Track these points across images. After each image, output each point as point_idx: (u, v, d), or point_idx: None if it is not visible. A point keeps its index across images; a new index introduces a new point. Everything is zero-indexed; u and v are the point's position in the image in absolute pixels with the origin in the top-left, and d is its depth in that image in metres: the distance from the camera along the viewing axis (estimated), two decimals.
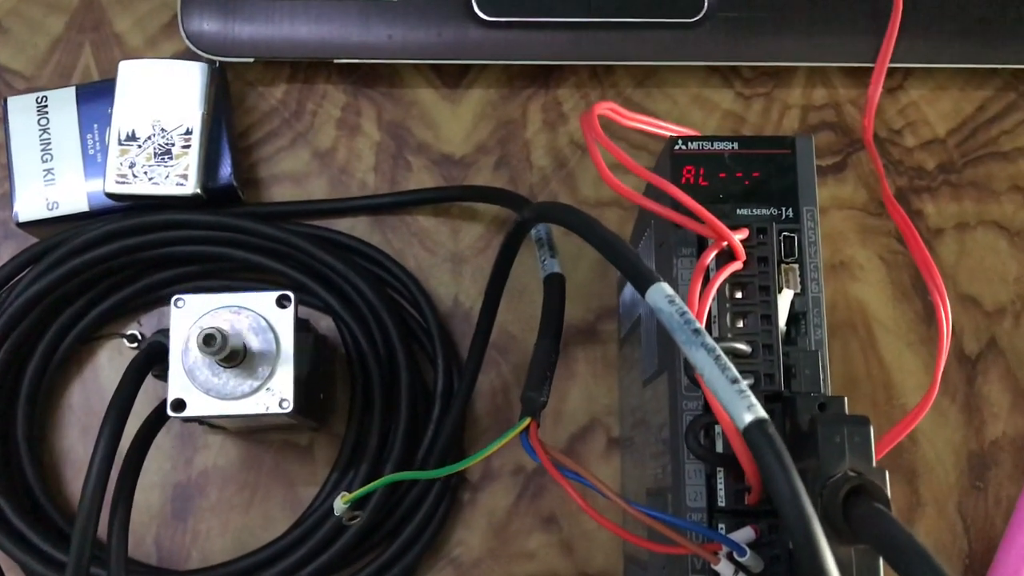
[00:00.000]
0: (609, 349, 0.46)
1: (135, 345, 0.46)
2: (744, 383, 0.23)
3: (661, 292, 0.24)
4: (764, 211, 0.31)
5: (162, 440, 0.40)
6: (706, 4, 0.46)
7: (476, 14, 0.46)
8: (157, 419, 0.38)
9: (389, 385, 0.43)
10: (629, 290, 0.42)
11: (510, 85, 0.48)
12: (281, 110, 0.48)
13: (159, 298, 0.46)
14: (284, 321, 0.37)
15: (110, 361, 0.46)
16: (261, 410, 0.36)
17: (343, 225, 0.47)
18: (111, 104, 0.45)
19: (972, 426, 0.45)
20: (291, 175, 0.48)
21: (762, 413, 0.22)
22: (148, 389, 0.38)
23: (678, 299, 0.24)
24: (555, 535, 0.44)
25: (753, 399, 0.22)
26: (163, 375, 0.39)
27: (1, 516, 0.41)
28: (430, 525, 0.43)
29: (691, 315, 0.24)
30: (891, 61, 0.46)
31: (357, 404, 0.44)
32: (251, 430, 0.44)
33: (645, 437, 0.38)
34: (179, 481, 0.45)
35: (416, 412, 0.43)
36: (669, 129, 0.36)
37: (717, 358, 0.23)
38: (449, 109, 0.48)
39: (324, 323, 0.45)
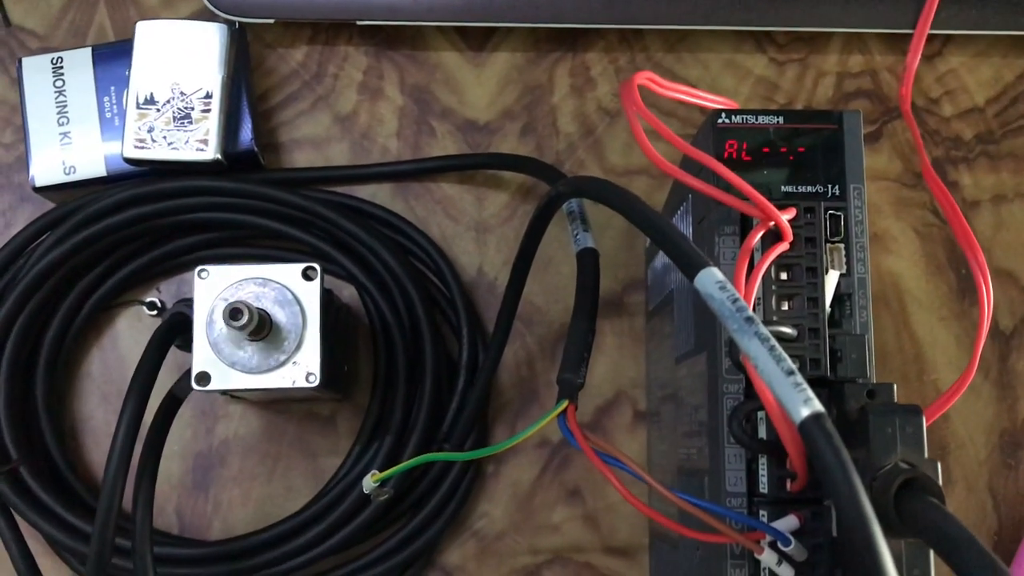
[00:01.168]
0: (636, 321, 0.45)
1: (155, 312, 0.45)
2: (799, 375, 0.22)
3: (712, 278, 0.24)
4: (810, 188, 0.30)
5: (183, 409, 0.39)
6: None
7: None
8: (180, 391, 0.37)
9: (413, 356, 0.43)
10: (659, 262, 0.41)
11: (536, 48, 0.47)
12: (301, 73, 0.47)
13: (179, 265, 0.45)
14: (310, 294, 0.36)
15: (129, 328, 0.45)
16: (287, 384, 0.35)
17: (365, 192, 0.46)
18: (128, 66, 0.44)
19: (1005, 403, 0.44)
20: (312, 140, 0.46)
21: (819, 407, 0.21)
22: (168, 359, 0.37)
23: (729, 285, 0.23)
24: (579, 508, 0.44)
25: (809, 392, 0.21)
26: (186, 346, 0.39)
27: (22, 485, 0.41)
28: (454, 498, 0.43)
29: (743, 302, 0.23)
30: (931, 27, 0.44)
31: (381, 375, 0.43)
32: (273, 401, 0.43)
33: (676, 414, 0.37)
34: (200, 451, 0.44)
35: (440, 384, 0.43)
36: (708, 99, 0.35)
37: (771, 348, 0.22)
38: (474, 73, 0.47)
39: (347, 292, 0.45)
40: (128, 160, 0.43)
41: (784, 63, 0.47)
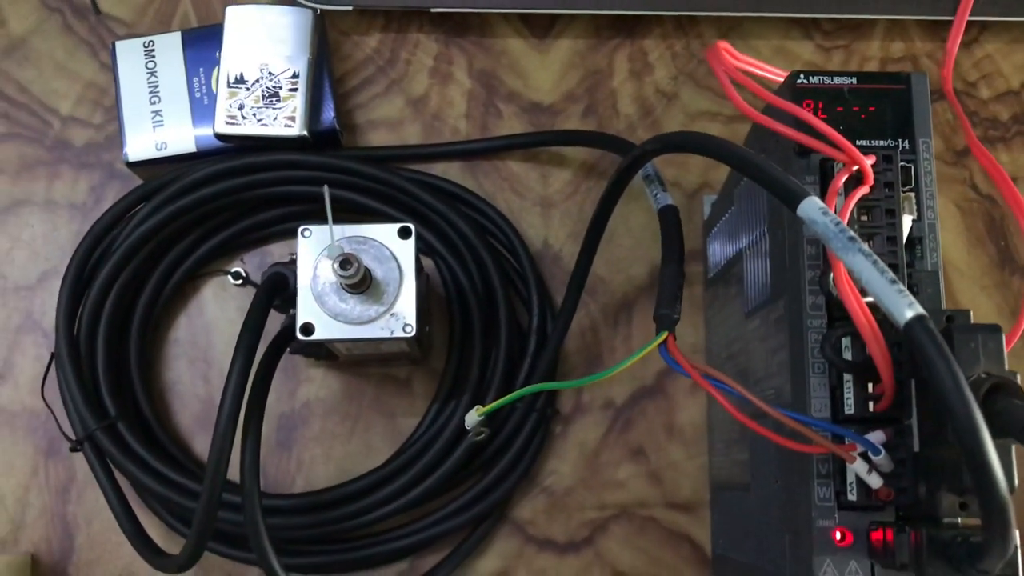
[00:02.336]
0: (694, 291, 0.48)
1: (239, 282, 0.47)
2: (901, 284, 0.24)
3: (814, 205, 0.26)
4: (882, 143, 0.33)
5: None
6: None
7: None
8: (282, 343, 0.40)
9: (487, 320, 0.45)
10: (719, 230, 0.44)
11: (597, 35, 0.50)
12: (376, 59, 0.50)
13: (261, 237, 0.48)
14: (406, 251, 0.39)
15: (215, 297, 0.48)
16: (386, 334, 0.38)
17: (437, 169, 0.48)
18: (216, 49, 0.47)
19: None
20: (386, 121, 0.49)
21: (921, 310, 0.24)
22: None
23: (830, 211, 0.26)
24: (643, 466, 0.46)
25: (912, 298, 0.24)
26: (282, 307, 0.41)
27: (120, 439, 0.43)
28: (525, 455, 0.45)
29: (844, 225, 0.26)
30: (969, 14, 0.47)
31: (456, 339, 0.46)
32: (357, 360, 0.46)
33: (741, 367, 0.40)
34: (284, 412, 0.47)
35: (512, 348, 0.45)
36: (774, 72, 0.38)
37: (875, 262, 0.25)
38: (537, 59, 0.50)
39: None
40: (219, 136, 0.46)
41: (830, 49, 0.50)
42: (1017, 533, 0.25)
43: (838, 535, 0.31)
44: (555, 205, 0.49)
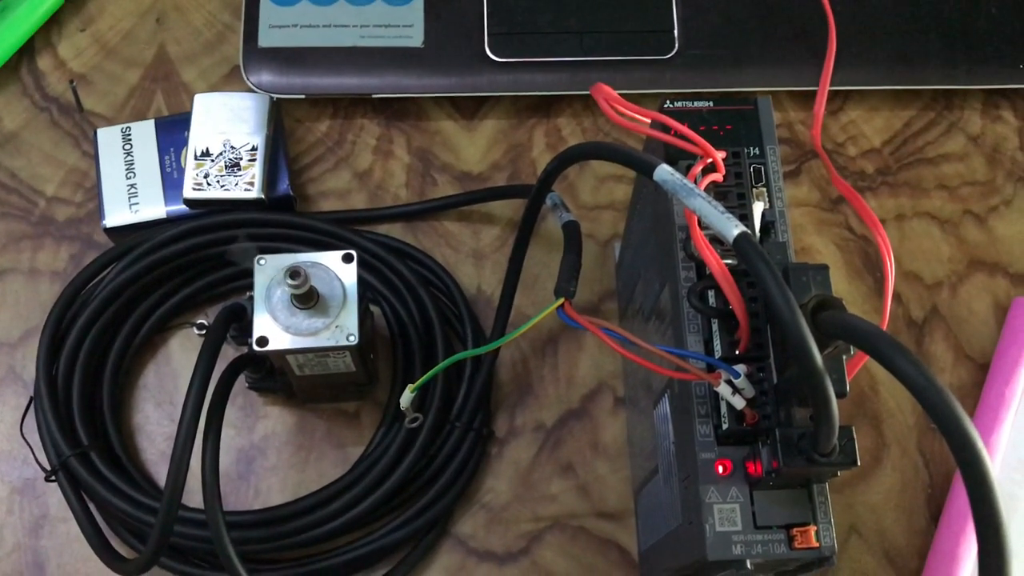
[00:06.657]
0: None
1: (203, 333, 0.53)
2: (730, 213, 0.31)
3: (665, 170, 0.33)
4: (736, 149, 0.40)
5: (228, 411, 0.46)
6: (677, 43, 0.56)
7: (489, 56, 0.56)
8: (242, 362, 0.45)
9: (427, 353, 0.51)
10: (625, 266, 0.50)
11: (518, 116, 0.58)
12: (326, 140, 0.57)
13: (224, 292, 0.53)
14: (349, 273, 0.45)
15: (181, 347, 0.53)
16: (332, 343, 0.43)
17: (381, 230, 0.55)
18: (184, 132, 0.54)
19: None
20: (335, 191, 0.56)
21: (745, 228, 0.30)
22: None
23: (677, 173, 0.33)
24: (572, 481, 0.51)
25: (738, 220, 0.30)
26: (239, 337, 0.47)
27: (92, 465, 0.47)
28: (463, 473, 0.50)
29: (688, 180, 0.32)
30: (831, 84, 0.55)
31: (400, 371, 0.51)
32: (310, 388, 0.50)
33: (646, 391, 0.45)
34: (243, 446, 0.51)
35: (450, 376, 0.50)
36: (651, 114, 0.45)
37: (709, 200, 0.31)
38: (467, 137, 0.58)
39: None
40: (187, 201, 0.52)
41: None
42: (837, 411, 0.30)
43: (720, 468, 0.35)
44: (486, 257, 0.55)
